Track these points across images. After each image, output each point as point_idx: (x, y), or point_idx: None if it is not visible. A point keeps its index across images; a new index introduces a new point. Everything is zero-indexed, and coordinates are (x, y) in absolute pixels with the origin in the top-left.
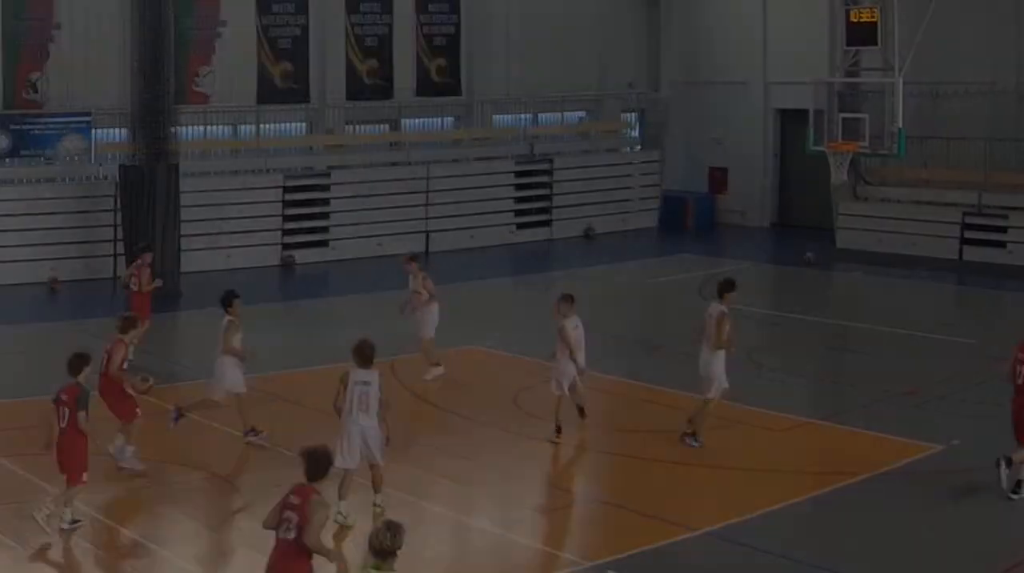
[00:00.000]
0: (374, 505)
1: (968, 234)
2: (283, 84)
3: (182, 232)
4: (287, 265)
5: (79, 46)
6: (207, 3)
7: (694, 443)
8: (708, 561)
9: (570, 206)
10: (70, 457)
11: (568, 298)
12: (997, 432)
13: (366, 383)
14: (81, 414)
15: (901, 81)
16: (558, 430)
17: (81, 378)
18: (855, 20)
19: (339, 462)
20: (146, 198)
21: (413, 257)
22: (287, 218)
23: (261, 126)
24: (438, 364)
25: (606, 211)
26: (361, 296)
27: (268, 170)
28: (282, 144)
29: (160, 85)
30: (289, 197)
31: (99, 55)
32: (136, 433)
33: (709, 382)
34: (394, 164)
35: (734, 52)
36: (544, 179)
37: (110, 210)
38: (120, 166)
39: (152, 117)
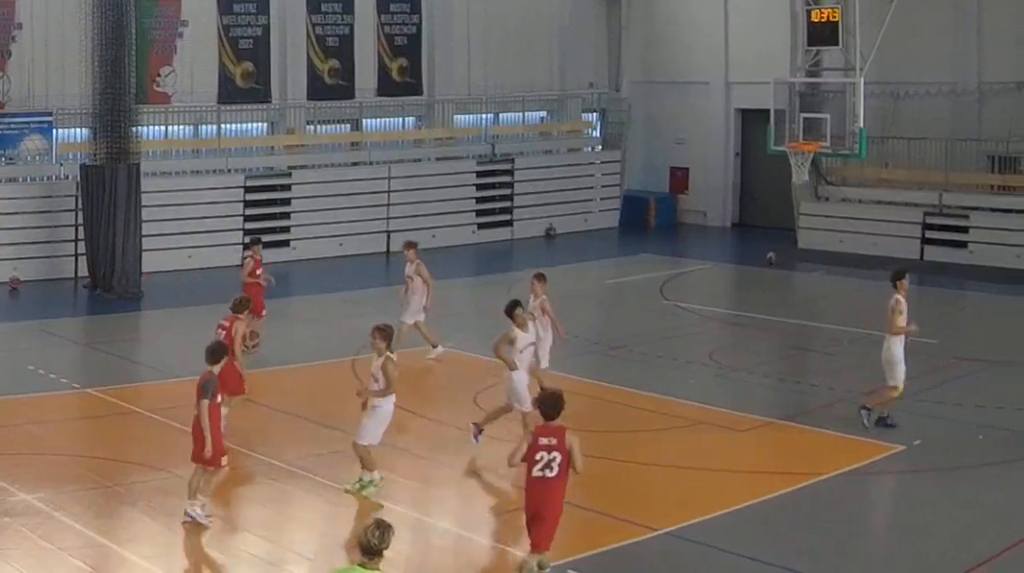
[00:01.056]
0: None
1: (929, 234)
2: (244, 84)
3: (143, 232)
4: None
5: (40, 46)
6: (168, 3)
7: (866, 421)
8: (669, 561)
9: (531, 206)
10: (202, 443)
11: (542, 276)
12: (958, 432)
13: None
14: (203, 402)
15: (862, 81)
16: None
17: (216, 368)
18: (816, 20)
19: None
20: (107, 198)
21: (411, 244)
22: (248, 218)
23: (222, 126)
24: (436, 345)
25: (567, 211)
26: (322, 296)
27: (229, 170)
28: (243, 144)
29: (121, 85)
30: (250, 197)
31: (60, 55)
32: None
33: (891, 368)
34: (355, 164)
35: (695, 52)
36: (505, 179)
37: (71, 210)
38: (81, 166)
39: (113, 117)
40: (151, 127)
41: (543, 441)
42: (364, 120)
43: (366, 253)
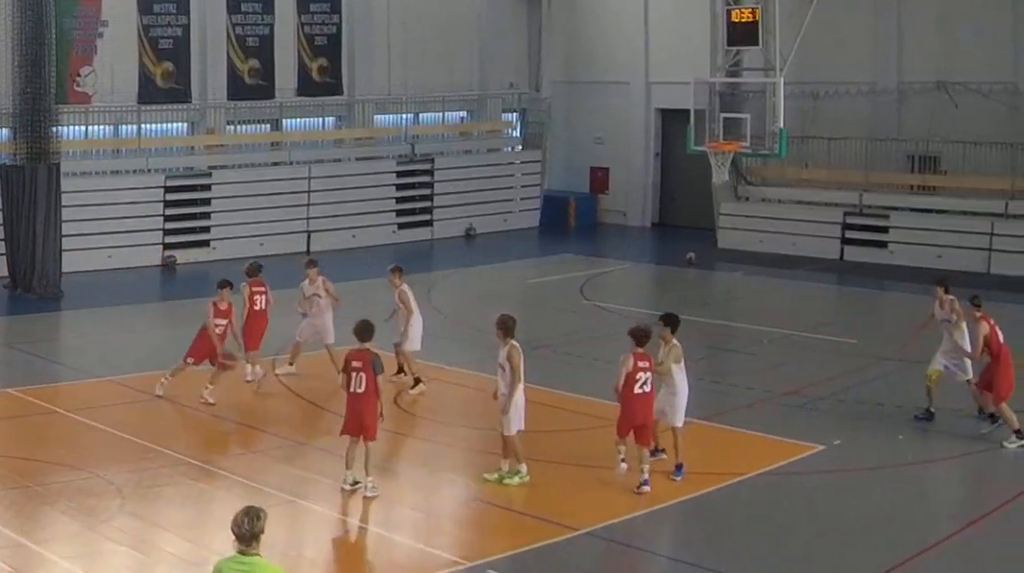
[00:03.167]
0: (523, 474)
1: (849, 234)
2: (164, 84)
3: (63, 232)
4: (168, 265)
5: None
6: (88, 3)
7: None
8: (589, 561)
9: (451, 206)
10: (372, 417)
11: (399, 269)
12: (878, 432)
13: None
14: (379, 377)
15: (782, 81)
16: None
17: (370, 344)
18: (736, 20)
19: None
20: (27, 198)
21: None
22: (168, 218)
23: (142, 126)
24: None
25: (487, 211)
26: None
27: (149, 170)
28: (163, 144)
29: (41, 85)
30: (170, 197)
31: None
32: None
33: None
34: (275, 164)
35: (616, 52)
36: (425, 179)
37: None
38: (1, 166)
39: (33, 117)
40: (71, 127)
41: (641, 364)
42: (284, 120)
43: (287, 253)
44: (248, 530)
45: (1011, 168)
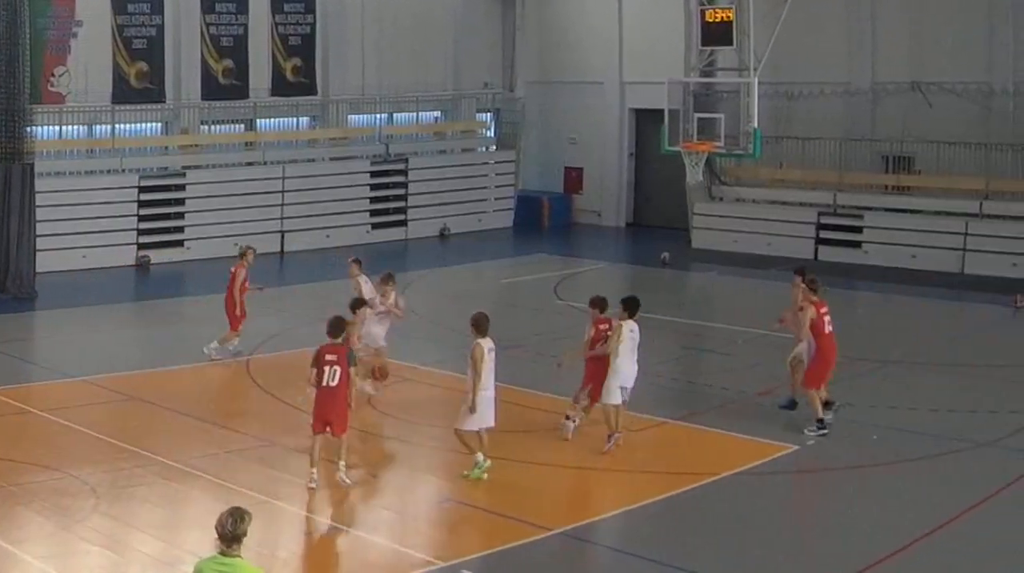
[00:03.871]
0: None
1: (823, 234)
2: (138, 84)
3: (37, 232)
4: (142, 265)
5: None
6: (62, 3)
7: None
8: (563, 561)
9: (425, 206)
10: (342, 411)
11: (357, 261)
12: (852, 432)
13: (492, 350)
14: (352, 370)
15: (756, 81)
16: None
17: (341, 339)
18: (711, 20)
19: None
20: (1, 198)
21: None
22: (142, 218)
23: (116, 126)
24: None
25: (461, 211)
26: (217, 296)
27: (123, 170)
28: (137, 144)
29: (15, 85)
30: (144, 197)
31: None
32: None
33: None
34: (249, 164)
35: (590, 52)
36: (399, 179)
37: None
38: None
39: (7, 117)
40: (45, 127)
41: (602, 327)
42: (258, 120)
43: (260, 253)
44: (231, 531)
45: (985, 168)
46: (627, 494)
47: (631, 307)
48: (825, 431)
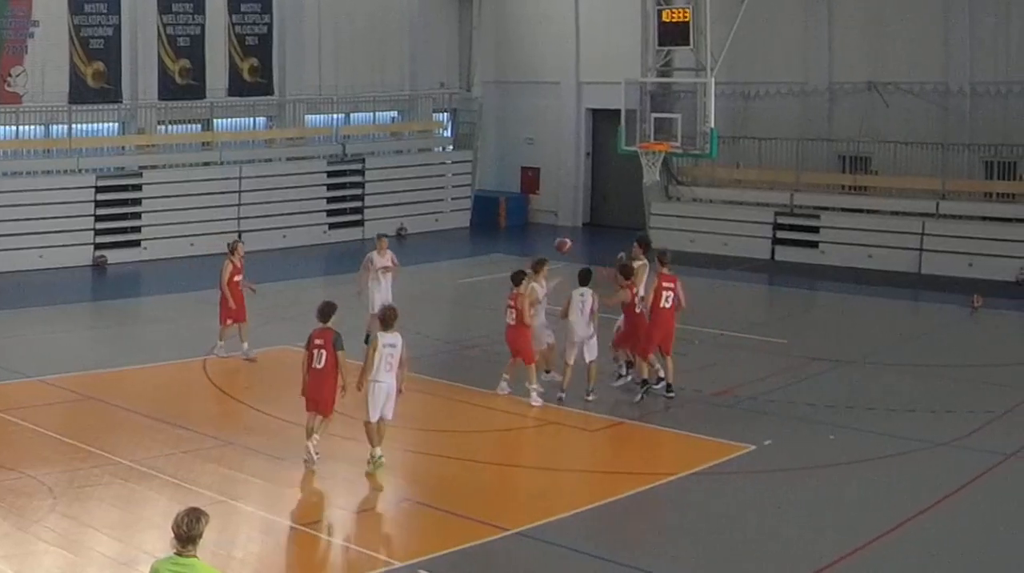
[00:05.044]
0: (376, 457)
1: (780, 234)
2: (95, 84)
3: None
4: (99, 265)
5: None
6: (19, 3)
7: None
8: (521, 561)
9: (382, 206)
10: (330, 393)
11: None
12: (810, 432)
13: (392, 346)
14: (340, 353)
15: (713, 81)
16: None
17: (331, 323)
18: (667, 20)
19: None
20: None
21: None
22: (99, 218)
23: (73, 126)
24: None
25: (418, 211)
26: (173, 296)
27: (80, 170)
28: (94, 144)
29: None
30: (101, 197)
31: None
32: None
33: None
34: (206, 164)
35: (547, 52)
36: (356, 179)
37: None
38: None
39: None
40: (2, 127)
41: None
42: (215, 120)
43: (217, 253)
44: (187, 532)
45: (941, 168)
46: (584, 494)
47: (584, 277)
48: (648, 388)
